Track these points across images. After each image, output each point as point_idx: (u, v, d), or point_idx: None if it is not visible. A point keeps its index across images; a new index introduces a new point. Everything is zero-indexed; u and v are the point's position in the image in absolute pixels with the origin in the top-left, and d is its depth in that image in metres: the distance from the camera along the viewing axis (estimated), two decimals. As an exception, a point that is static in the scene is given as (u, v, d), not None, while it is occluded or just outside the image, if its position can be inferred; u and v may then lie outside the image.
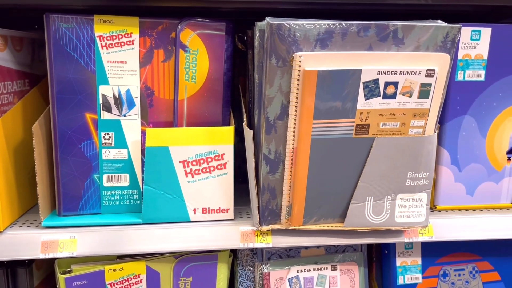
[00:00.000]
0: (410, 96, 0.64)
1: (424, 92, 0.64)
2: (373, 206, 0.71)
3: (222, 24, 0.72)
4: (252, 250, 0.85)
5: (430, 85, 0.64)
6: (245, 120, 0.71)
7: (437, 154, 0.79)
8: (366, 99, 0.64)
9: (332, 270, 0.88)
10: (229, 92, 0.75)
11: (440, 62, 0.63)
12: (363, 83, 0.62)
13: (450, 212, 0.81)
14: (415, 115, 0.66)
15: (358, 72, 0.62)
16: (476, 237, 0.79)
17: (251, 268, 0.85)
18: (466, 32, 0.73)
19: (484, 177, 0.80)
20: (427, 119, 0.66)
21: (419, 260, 0.88)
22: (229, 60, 0.73)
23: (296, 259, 0.87)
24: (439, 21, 0.65)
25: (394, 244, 0.87)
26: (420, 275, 0.88)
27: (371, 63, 0.62)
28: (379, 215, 0.71)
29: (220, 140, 0.72)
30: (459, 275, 0.89)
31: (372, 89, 0.63)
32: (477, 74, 0.75)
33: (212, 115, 0.74)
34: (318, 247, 0.88)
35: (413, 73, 0.63)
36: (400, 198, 0.71)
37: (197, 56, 0.71)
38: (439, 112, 0.68)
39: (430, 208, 0.82)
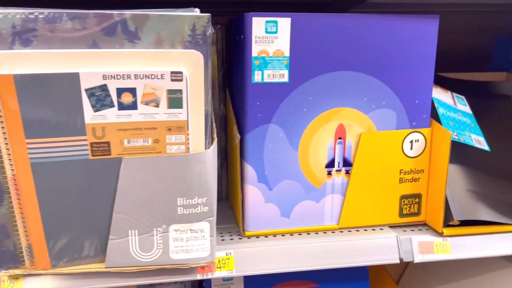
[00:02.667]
0: (157, 106, 0.50)
1: (175, 100, 0.50)
2: (140, 241, 0.57)
3: None
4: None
5: (180, 91, 0.50)
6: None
7: (241, 170, 0.66)
8: (96, 111, 0.49)
9: (141, 308, 0.74)
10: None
11: (189, 61, 0.49)
12: (86, 90, 0.48)
13: (262, 239, 0.68)
14: (170, 129, 0.52)
15: (74, 77, 0.47)
16: (293, 268, 0.66)
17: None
18: (259, 23, 0.60)
19: (301, 195, 0.68)
20: (188, 134, 0.53)
21: (241, 293, 0.75)
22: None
23: (96, 298, 0.73)
24: (196, 9, 0.51)
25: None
26: (242, 310, 0.75)
27: (94, 65, 0.47)
28: (149, 252, 0.57)
29: None
30: (292, 306, 0.77)
31: (100, 97, 0.48)
32: (279, 75, 0.62)
33: None
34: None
35: (153, 76, 0.49)
36: (175, 230, 0.57)
37: None
38: (208, 124, 0.54)
39: (240, 234, 0.69)
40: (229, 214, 0.78)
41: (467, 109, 0.85)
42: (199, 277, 0.63)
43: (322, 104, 0.65)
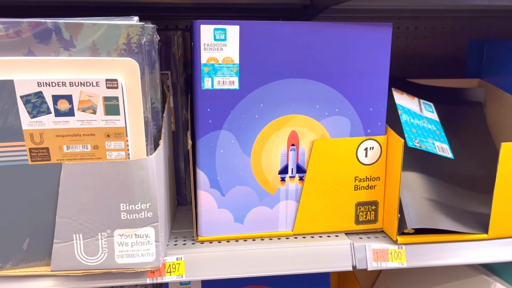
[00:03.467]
0: (94, 113, 0.51)
1: (112, 107, 0.51)
2: (85, 245, 0.58)
3: None
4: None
5: (116, 98, 0.51)
6: None
7: (194, 176, 0.66)
8: (33, 117, 0.50)
9: (100, 310, 0.74)
10: None
11: (124, 69, 0.50)
12: (21, 97, 0.49)
13: (215, 244, 0.68)
14: (108, 136, 0.53)
15: (9, 84, 0.48)
16: (245, 274, 0.67)
17: (-8, 314, 0.71)
18: (207, 30, 0.60)
19: (254, 201, 0.68)
20: (127, 140, 0.53)
21: (198, 297, 0.75)
22: None
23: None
24: (134, 17, 0.52)
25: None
26: (200, 314, 0.75)
27: (30, 72, 0.48)
28: (94, 256, 0.58)
29: None
30: (250, 311, 0.77)
31: (36, 104, 0.49)
32: (229, 82, 0.63)
33: None
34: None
35: (88, 83, 0.50)
36: (119, 235, 0.58)
37: None
38: (149, 131, 0.55)
39: (193, 239, 0.69)
40: (191, 218, 0.78)
41: (433, 116, 0.85)
42: (148, 281, 0.64)
43: (274, 111, 0.65)
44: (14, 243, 0.57)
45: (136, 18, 0.51)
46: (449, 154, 0.79)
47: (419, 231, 0.67)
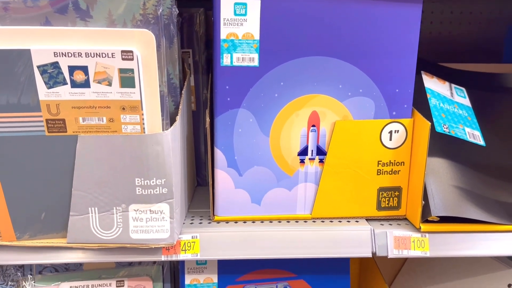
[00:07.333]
0: (110, 85, 0.51)
1: (127, 79, 0.50)
2: (100, 218, 0.58)
3: None
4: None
5: (131, 70, 0.50)
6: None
7: (212, 155, 0.65)
8: (49, 88, 0.50)
9: (117, 286, 0.75)
10: None
11: (140, 41, 0.49)
12: (38, 67, 0.49)
13: (231, 224, 0.67)
14: (124, 109, 0.52)
15: (26, 53, 0.48)
16: (260, 255, 0.65)
17: (14, 284, 0.73)
18: (227, 5, 0.59)
19: (272, 183, 0.66)
20: (142, 114, 0.53)
21: (214, 278, 0.75)
22: None
23: (75, 273, 0.75)
24: (152, -12, 0.51)
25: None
26: (215, 295, 0.75)
27: (46, 42, 0.48)
28: (109, 230, 0.58)
29: None
30: (266, 295, 0.76)
31: (53, 75, 0.49)
32: (249, 58, 0.61)
33: None
34: (106, 259, 0.75)
35: (104, 55, 0.49)
36: (134, 210, 0.58)
37: None
38: (165, 105, 0.54)
39: (209, 218, 0.69)
40: (209, 199, 0.78)
41: (465, 101, 0.81)
42: (163, 258, 0.64)
43: (295, 90, 0.63)
44: (31, 213, 0.57)
45: (152, -11, 0.50)
46: (481, 141, 0.75)
47: (444, 220, 0.64)
